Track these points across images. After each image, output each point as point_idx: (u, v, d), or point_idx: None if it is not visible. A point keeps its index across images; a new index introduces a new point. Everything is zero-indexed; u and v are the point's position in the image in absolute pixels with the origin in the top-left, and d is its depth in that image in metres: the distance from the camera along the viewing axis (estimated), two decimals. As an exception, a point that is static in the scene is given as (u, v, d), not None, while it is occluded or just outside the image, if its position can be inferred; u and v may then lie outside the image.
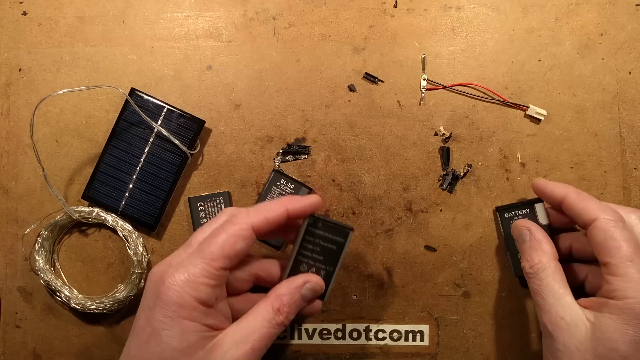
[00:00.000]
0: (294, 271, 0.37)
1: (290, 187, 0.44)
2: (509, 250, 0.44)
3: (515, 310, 0.45)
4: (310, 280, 0.36)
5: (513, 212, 0.44)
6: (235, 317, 0.35)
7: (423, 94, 0.46)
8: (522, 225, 0.40)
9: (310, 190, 0.45)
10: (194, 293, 0.31)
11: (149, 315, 0.31)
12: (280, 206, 0.35)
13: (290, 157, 0.46)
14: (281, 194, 0.44)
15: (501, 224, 0.44)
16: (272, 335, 0.33)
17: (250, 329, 0.33)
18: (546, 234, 0.39)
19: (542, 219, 0.42)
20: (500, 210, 0.44)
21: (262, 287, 0.38)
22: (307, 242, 0.37)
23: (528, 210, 0.43)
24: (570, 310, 0.34)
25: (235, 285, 0.37)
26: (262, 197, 0.45)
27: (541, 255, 0.36)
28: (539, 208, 0.42)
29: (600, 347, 0.32)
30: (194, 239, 0.35)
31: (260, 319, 0.33)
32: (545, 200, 0.41)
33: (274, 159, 0.46)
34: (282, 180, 0.44)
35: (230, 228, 0.33)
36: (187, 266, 0.32)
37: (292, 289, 0.35)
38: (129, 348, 0.32)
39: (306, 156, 0.46)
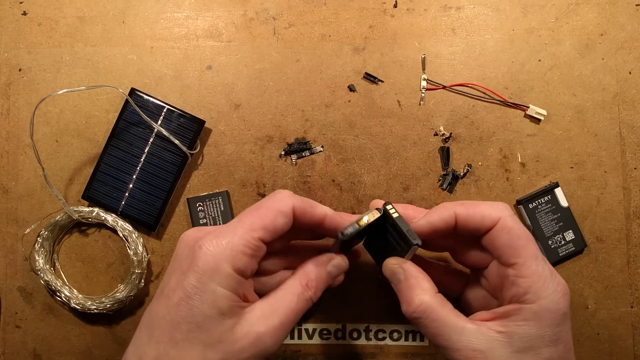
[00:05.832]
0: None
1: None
2: (540, 240, 0.44)
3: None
4: (334, 257, 0.37)
5: (536, 202, 0.44)
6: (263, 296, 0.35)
7: (423, 94, 0.46)
8: (394, 263, 0.36)
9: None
10: (230, 260, 0.31)
11: (181, 278, 0.31)
12: (322, 209, 0.35)
13: (294, 157, 0.46)
14: None
15: (527, 215, 0.45)
16: (300, 310, 0.33)
17: (279, 303, 0.33)
18: (421, 269, 0.35)
19: (563, 202, 0.44)
20: (522, 202, 0.45)
21: None
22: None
23: (550, 197, 0.44)
24: (479, 337, 0.31)
25: (269, 267, 0.37)
26: None
27: (421, 294, 0.33)
28: (559, 192, 0.44)
29: (526, 358, 0.31)
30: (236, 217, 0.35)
31: (289, 294, 0.33)
32: (431, 231, 0.35)
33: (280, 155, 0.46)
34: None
35: (273, 204, 0.33)
36: (227, 234, 0.31)
37: (318, 265, 0.35)
38: (157, 309, 0.32)
39: (314, 150, 0.46)
